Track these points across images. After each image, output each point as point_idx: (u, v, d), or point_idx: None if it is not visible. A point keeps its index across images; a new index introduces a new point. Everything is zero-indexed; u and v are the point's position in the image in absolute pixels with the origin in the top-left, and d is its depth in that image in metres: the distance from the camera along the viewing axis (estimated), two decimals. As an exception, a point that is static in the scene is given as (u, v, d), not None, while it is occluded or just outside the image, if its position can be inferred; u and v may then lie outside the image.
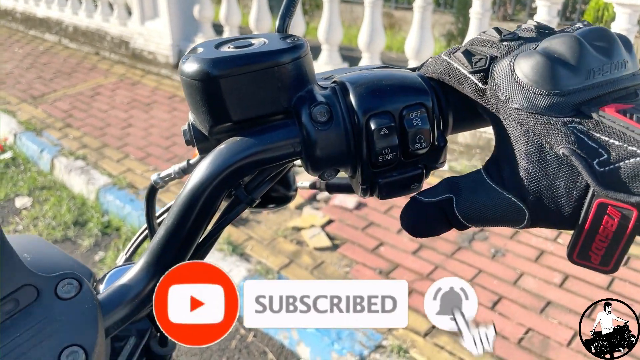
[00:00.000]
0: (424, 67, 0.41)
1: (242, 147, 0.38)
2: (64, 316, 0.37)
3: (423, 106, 0.37)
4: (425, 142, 0.37)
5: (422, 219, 0.37)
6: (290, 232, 2.45)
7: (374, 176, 0.38)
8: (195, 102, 0.39)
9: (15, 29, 6.51)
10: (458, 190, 0.36)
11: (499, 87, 0.35)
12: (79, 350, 0.36)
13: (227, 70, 0.37)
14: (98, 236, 2.67)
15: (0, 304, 0.37)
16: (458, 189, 0.36)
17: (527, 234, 2.33)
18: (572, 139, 0.32)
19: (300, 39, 0.40)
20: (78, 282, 0.39)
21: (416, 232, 0.38)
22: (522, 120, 0.33)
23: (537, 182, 0.33)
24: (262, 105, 0.39)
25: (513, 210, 0.35)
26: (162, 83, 4.43)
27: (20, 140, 3.61)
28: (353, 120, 0.37)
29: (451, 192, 0.37)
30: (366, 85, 0.37)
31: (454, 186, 0.37)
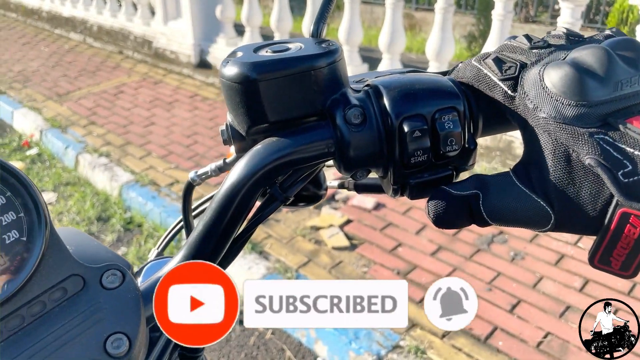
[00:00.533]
0: (454, 72, 0.42)
1: (278, 147, 0.40)
2: (109, 305, 0.39)
3: (455, 110, 0.38)
4: (456, 144, 0.38)
5: (448, 210, 0.38)
6: (308, 231, 2.47)
7: (405, 177, 0.40)
8: (234, 104, 0.41)
9: (42, 27, 6.64)
10: (486, 188, 0.37)
11: (527, 96, 0.36)
12: (123, 338, 0.38)
13: (265, 73, 0.39)
14: (120, 232, 2.72)
15: (49, 293, 0.39)
16: (486, 187, 0.37)
17: (547, 238, 2.32)
18: (597, 150, 0.32)
19: (335, 44, 0.42)
20: (122, 273, 0.41)
21: (439, 222, 0.39)
22: (550, 129, 0.34)
23: (564, 189, 0.34)
24: (297, 107, 0.40)
25: (539, 213, 0.36)
26: (183, 82, 4.48)
27: (45, 136, 3.70)
28: (386, 123, 0.39)
29: (479, 189, 0.37)
30: (400, 89, 0.39)
31: (482, 183, 0.38)
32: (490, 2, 3.73)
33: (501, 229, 2.38)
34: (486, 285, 2.07)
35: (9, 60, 5.41)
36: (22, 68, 5.12)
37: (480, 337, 1.85)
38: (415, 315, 1.95)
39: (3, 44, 6.05)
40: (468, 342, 1.83)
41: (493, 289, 2.04)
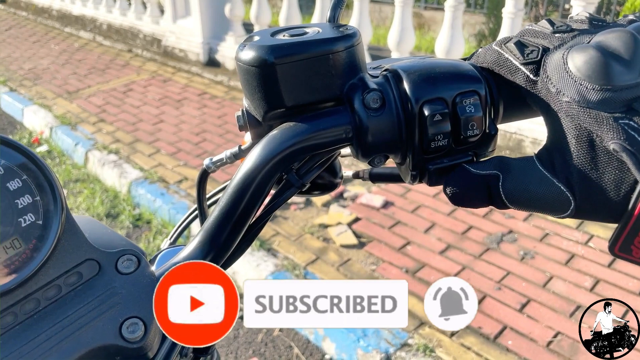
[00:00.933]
0: (474, 57, 0.42)
1: (295, 132, 0.39)
2: (125, 290, 0.39)
3: (476, 93, 0.38)
4: (477, 129, 0.38)
5: (466, 188, 0.38)
6: (317, 228, 2.46)
7: (424, 162, 0.39)
8: (251, 88, 0.40)
9: (52, 26, 6.68)
10: (508, 169, 0.37)
11: (550, 80, 0.35)
12: (139, 322, 0.38)
13: (283, 57, 0.39)
14: (129, 228, 2.73)
15: (65, 277, 0.39)
16: (508, 168, 0.37)
17: (558, 237, 2.30)
18: (622, 135, 0.32)
19: (353, 28, 0.41)
20: (137, 259, 0.41)
21: (456, 200, 0.39)
22: (573, 114, 0.34)
23: (587, 173, 0.34)
24: (315, 91, 0.40)
25: (559, 198, 0.35)
26: (192, 80, 4.50)
27: (55, 133, 3.72)
28: (406, 107, 0.38)
29: (500, 170, 0.37)
30: (420, 73, 0.38)
31: (504, 164, 0.37)
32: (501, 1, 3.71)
33: (512, 227, 2.37)
34: (496, 284, 2.05)
35: (19, 58, 5.45)
36: (33, 66, 5.15)
37: (489, 336, 1.83)
38: (424, 314, 1.94)
39: (14, 42, 6.10)
40: (477, 341, 1.82)
41: (502, 288, 2.03)
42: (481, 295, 2.00)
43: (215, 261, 0.42)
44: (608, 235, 1.87)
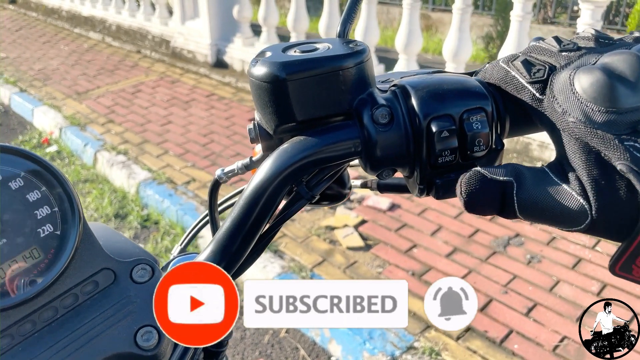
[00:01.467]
0: (481, 72, 0.42)
1: (306, 146, 0.40)
2: (139, 298, 0.40)
3: (483, 110, 0.39)
4: (483, 145, 0.39)
5: (480, 193, 0.37)
6: (323, 231, 2.47)
7: (431, 176, 0.40)
8: (263, 103, 0.41)
9: (61, 26, 6.74)
10: (522, 178, 0.36)
11: (556, 100, 0.36)
12: (153, 331, 0.39)
13: (294, 73, 0.40)
14: (137, 229, 2.75)
15: (82, 286, 0.40)
16: (522, 176, 0.36)
17: (565, 241, 2.29)
18: (627, 156, 0.32)
19: (362, 44, 0.42)
20: (151, 268, 0.42)
21: (470, 203, 0.38)
22: (579, 134, 0.34)
23: (602, 189, 0.34)
24: (325, 106, 0.41)
25: (577, 211, 0.35)
26: (200, 81, 4.52)
27: (65, 134, 3.75)
28: (414, 123, 0.39)
29: (515, 178, 0.36)
30: (428, 89, 0.39)
31: (518, 172, 0.36)
32: (509, 3, 3.71)
33: (518, 231, 2.37)
34: (502, 287, 2.05)
35: (29, 58, 5.50)
36: (43, 66, 5.20)
37: (495, 339, 1.84)
38: (430, 317, 1.94)
39: (24, 42, 6.15)
40: (483, 345, 1.82)
41: (509, 292, 2.03)
42: (487, 299, 2.00)
43: (226, 270, 0.43)
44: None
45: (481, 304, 1.98)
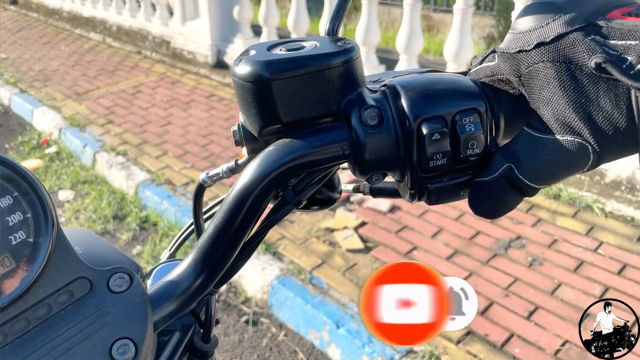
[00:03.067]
0: (474, 72, 0.40)
1: (291, 149, 0.39)
2: (116, 309, 0.38)
3: (476, 111, 0.37)
4: (477, 147, 0.37)
5: (493, 198, 0.37)
6: (323, 233, 2.45)
7: (423, 181, 0.38)
8: (247, 104, 0.39)
9: (62, 27, 6.73)
10: (516, 157, 0.36)
11: (509, 47, 0.36)
12: (129, 343, 0.37)
13: (279, 72, 0.38)
14: (136, 230, 2.73)
15: (56, 295, 0.38)
16: (515, 155, 0.36)
17: (567, 244, 2.27)
18: (597, 49, 0.32)
19: (351, 42, 0.40)
20: (129, 277, 0.40)
21: (490, 213, 0.38)
22: (545, 55, 0.34)
23: (585, 109, 0.33)
24: (312, 107, 0.39)
25: (576, 151, 0.34)
26: (200, 82, 4.51)
27: (64, 135, 3.74)
28: (404, 125, 0.37)
29: (508, 161, 0.36)
30: (418, 90, 0.37)
31: (509, 154, 0.36)
32: (510, 3, 3.69)
33: (520, 233, 2.34)
34: (503, 290, 2.03)
35: (30, 59, 5.50)
36: (43, 67, 5.19)
37: (496, 343, 1.81)
38: (429, 320, 1.92)
39: (24, 43, 6.15)
40: (484, 349, 1.80)
41: (510, 295, 2.01)
42: (488, 302, 1.98)
43: (209, 279, 0.41)
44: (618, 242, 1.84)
45: (482, 307, 1.95)
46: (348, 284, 2.13)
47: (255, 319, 2.15)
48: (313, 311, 2.02)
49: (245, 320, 2.16)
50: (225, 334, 2.10)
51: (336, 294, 2.08)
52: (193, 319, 0.49)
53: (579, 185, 2.63)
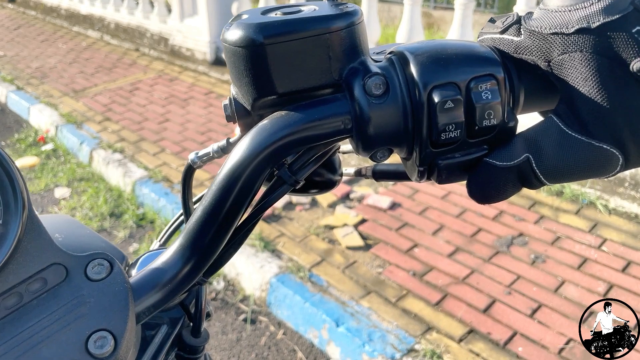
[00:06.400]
0: (489, 40, 0.37)
1: (288, 122, 0.35)
2: (93, 298, 0.35)
3: (493, 77, 0.33)
4: (494, 118, 0.33)
5: (496, 184, 0.33)
6: (322, 230, 2.42)
7: (433, 157, 0.34)
8: (239, 72, 0.36)
9: (60, 25, 6.69)
10: (537, 147, 0.32)
11: (541, 25, 0.32)
12: (108, 336, 0.33)
13: (273, 36, 0.34)
14: (133, 228, 2.70)
15: (27, 283, 0.34)
16: (537, 146, 0.32)
17: (570, 241, 2.23)
18: (639, 50, 0.28)
19: (354, 6, 0.37)
20: (109, 263, 0.36)
21: (486, 198, 0.34)
22: (587, 45, 0.30)
23: (624, 113, 0.30)
24: (310, 76, 0.35)
25: (604, 157, 0.31)
26: (199, 79, 4.47)
27: (61, 132, 3.70)
28: (413, 93, 0.33)
29: (529, 152, 0.32)
30: (429, 54, 0.34)
31: (531, 144, 0.33)
32: (511, 0, 3.65)
33: (522, 230, 2.31)
34: (505, 288, 2.00)
35: (27, 56, 5.46)
36: (40, 64, 5.15)
37: (499, 342, 1.78)
38: (431, 319, 1.89)
39: (22, 40, 6.11)
40: (486, 347, 1.76)
41: (513, 293, 1.97)
42: (490, 300, 1.94)
43: (197, 267, 0.37)
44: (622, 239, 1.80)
45: (484, 305, 1.92)
46: (348, 281, 2.09)
47: (254, 317, 2.12)
48: (312, 309, 1.98)
49: (243, 318, 2.12)
50: (223, 332, 2.07)
51: (336, 291, 2.05)
52: (182, 311, 0.45)
53: (582, 182, 2.60)
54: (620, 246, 2.17)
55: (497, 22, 0.36)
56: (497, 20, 0.36)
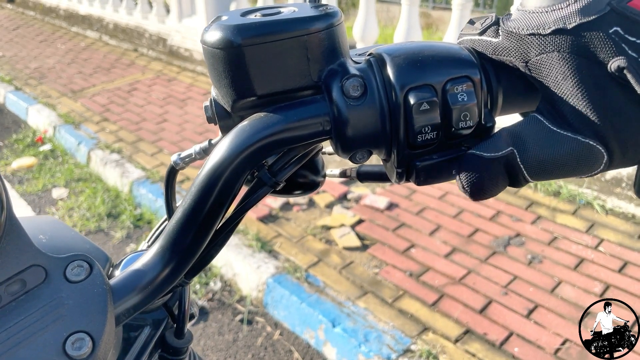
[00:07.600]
0: (468, 42, 0.37)
1: (267, 123, 0.35)
2: (72, 300, 0.35)
3: (469, 79, 0.33)
4: (470, 120, 0.33)
5: (485, 178, 0.33)
6: (319, 230, 2.42)
7: (411, 159, 0.34)
8: (218, 74, 0.36)
9: (59, 25, 6.69)
10: (521, 142, 0.32)
11: (518, 27, 0.32)
12: (86, 337, 0.33)
13: (252, 38, 0.34)
14: (130, 228, 2.70)
15: (6, 285, 0.34)
16: (521, 141, 0.32)
17: (567, 241, 2.23)
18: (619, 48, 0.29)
19: (333, 7, 0.37)
20: (89, 265, 0.36)
21: (477, 193, 0.34)
22: (564, 45, 0.30)
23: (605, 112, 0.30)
24: (289, 78, 0.35)
25: (588, 154, 0.31)
26: (197, 80, 4.47)
27: (59, 132, 3.70)
28: (390, 95, 0.33)
29: (513, 145, 0.32)
30: (405, 56, 0.34)
31: (515, 138, 0.33)
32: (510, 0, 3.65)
33: (519, 230, 2.31)
34: (502, 288, 2.00)
35: (26, 57, 5.46)
36: (39, 65, 5.15)
37: (495, 342, 1.78)
38: (428, 319, 1.89)
39: (21, 41, 6.11)
40: (482, 348, 1.76)
41: (509, 293, 1.97)
42: (487, 300, 1.94)
43: (178, 268, 0.37)
44: (619, 239, 1.80)
45: (480, 305, 1.92)
46: (344, 282, 2.09)
47: (250, 318, 2.12)
48: (309, 310, 1.98)
49: (239, 319, 2.12)
50: (219, 333, 2.07)
51: (332, 292, 2.05)
52: (165, 312, 0.45)
53: (579, 182, 2.60)
54: (617, 246, 2.17)
55: (476, 23, 0.36)
56: (476, 22, 0.36)
